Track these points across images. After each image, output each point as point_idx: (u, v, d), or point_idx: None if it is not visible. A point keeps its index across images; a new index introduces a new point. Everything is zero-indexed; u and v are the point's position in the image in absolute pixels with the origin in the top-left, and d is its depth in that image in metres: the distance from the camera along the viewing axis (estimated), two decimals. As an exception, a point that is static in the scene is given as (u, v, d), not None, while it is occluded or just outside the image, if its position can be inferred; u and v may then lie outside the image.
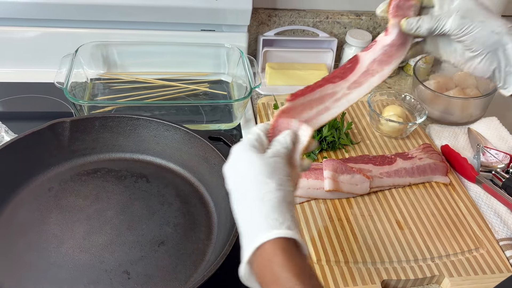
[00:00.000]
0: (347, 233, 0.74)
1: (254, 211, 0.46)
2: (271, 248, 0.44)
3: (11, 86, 0.98)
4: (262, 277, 0.44)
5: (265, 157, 0.50)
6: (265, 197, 0.46)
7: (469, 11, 0.56)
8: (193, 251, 0.69)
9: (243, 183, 0.49)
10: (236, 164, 0.51)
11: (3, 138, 0.80)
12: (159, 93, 0.98)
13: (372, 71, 0.60)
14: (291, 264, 0.43)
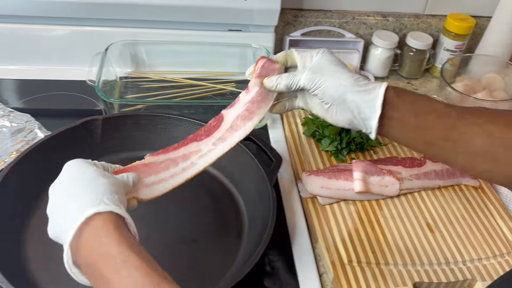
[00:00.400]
0: (377, 235, 0.74)
1: (79, 193, 0.48)
2: (102, 222, 0.46)
3: (42, 84, 0.99)
4: (89, 255, 0.45)
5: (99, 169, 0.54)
6: (90, 183, 0.50)
7: (320, 67, 0.60)
8: (225, 250, 0.69)
9: (67, 181, 0.52)
10: (65, 171, 0.54)
11: (37, 135, 0.81)
12: (186, 92, 0.98)
13: (236, 127, 0.64)
14: (122, 238, 0.45)
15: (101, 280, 0.44)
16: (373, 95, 0.57)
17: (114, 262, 0.43)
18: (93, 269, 0.44)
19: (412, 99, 0.58)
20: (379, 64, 1.11)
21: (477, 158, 0.55)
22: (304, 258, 0.71)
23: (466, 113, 0.56)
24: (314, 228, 0.74)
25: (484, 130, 0.54)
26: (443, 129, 0.56)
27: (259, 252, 0.61)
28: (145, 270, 0.43)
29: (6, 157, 0.76)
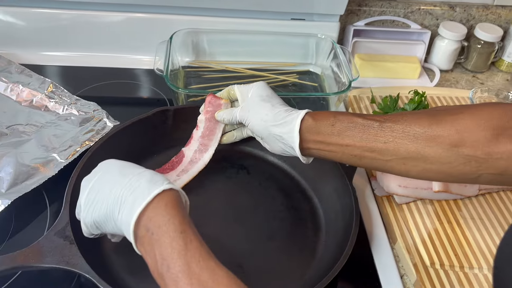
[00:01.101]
0: (458, 237, 0.71)
1: (136, 183, 0.50)
2: (169, 199, 0.48)
3: (102, 71, 0.99)
4: (154, 226, 0.47)
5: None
6: (141, 174, 0.51)
7: (249, 104, 0.67)
8: (303, 248, 0.67)
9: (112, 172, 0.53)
10: (101, 168, 0.55)
11: (106, 124, 0.80)
12: (248, 83, 0.96)
13: (196, 159, 0.74)
14: (185, 214, 0.49)
15: (157, 247, 0.46)
16: (291, 126, 0.61)
17: (175, 233, 0.46)
18: (153, 239, 0.46)
19: (331, 121, 0.60)
20: (445, 57, 1.07)
21: (408, 162, 0.56)
22: (384, 258, 0.68)
23: (387, 121, 0.57)
24: (392, 228, 0.71)
25: (407, 133, 0.56)
26: (366, 141, 0.58)
27: (346, 254, 0.59)
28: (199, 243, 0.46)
29: (77, 147, 0.75)
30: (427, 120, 0.56)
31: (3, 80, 0.87)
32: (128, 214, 0.48)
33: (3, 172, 0.70)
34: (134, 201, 0.48)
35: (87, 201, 0.53)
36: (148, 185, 0.49)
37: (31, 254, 0.54)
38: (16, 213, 0.68)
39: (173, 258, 0.44)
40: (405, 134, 0.56)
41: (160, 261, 0.45)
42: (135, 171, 0.52)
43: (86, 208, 0.53)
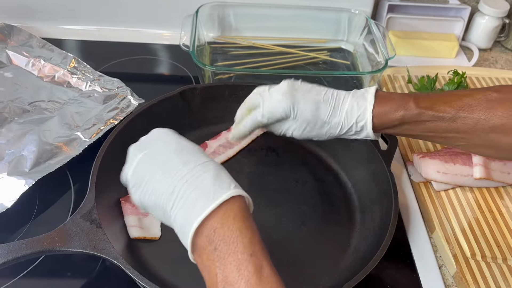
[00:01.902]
0: (501, 227, 0.67)
1: (198, 178, 0.42)
2: (235, 206, 0.42)
3: (126, 47, 0.95)
4: (219, 241, 0.40)
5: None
6: (205, 165, 0.44)
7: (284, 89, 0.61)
8: (337, 235, 0.64)
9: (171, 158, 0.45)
10: (153, 139, 0.49)
11: (131, 102, 0.77)
12: (276, 60, 0.92)
13: (219, 152, 0.73)
14: (251, 224, 0.42)
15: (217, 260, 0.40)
16: (362, 102, 0.59)
17: (243, 255, 0.39)
18: (216, 255, 0.40)
19: (399, 114, 0.58)
20: (484, 35, 1.01)
21: (480, 148, 0.57)
22: (422, 248, 0.65)
23: (461, 110, 0.55)
24: (430, 216, 0.68)
25: (481, 126, 0.54)
26: (436, 133, 0.57)
27: (384, 245, 0.56)
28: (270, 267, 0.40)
29: (101, 125, 0.73)
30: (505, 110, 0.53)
31: (24, 54, 0.84)
32: (186, 216, 0.42)
33: (26, 151, 0.68)
34: (195, 202, 0.41)
35: (133, 177, 0.46)
36: (213, 185, 0.42)
37: (57, 238, 0.52)
38: (40, 193, 0.66)
39: (239, 287, 0.38)
40: (480, 126, 0.54)
41: (222, 284, 0.39)
42: (197, 159, 0.44)
43: (132, 184, 0.47)
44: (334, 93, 0.60)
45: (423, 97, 0.57)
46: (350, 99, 0.59)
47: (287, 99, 0.58)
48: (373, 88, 0.58)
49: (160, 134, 0.49)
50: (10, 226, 0.62)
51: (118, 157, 0.64)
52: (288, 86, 0.60)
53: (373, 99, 0.57)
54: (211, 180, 0.42)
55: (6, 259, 0.49)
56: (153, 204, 0.45)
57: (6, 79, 0.81)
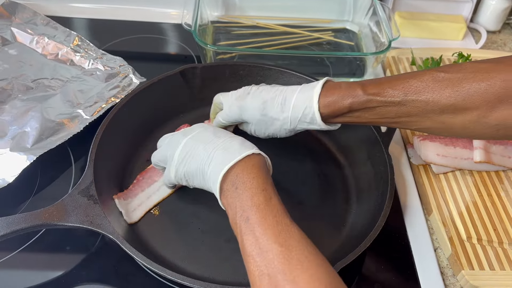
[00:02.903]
0: (499, 211, 0.67)
1: (228, 144, 0.53)
2: (257, 160, 0.52)
3: (130, 25, 0.96)
4: (239, 182, 0.49)
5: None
6: (233, 137, 0.55)
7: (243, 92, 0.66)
8: (333, 217, 0.65)
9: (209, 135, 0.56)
10: (195, 128, 0.59)
11: (132, 81, 0.78)
12: (280, 40, 0.91)
13: None
14: (268, 176, 0.52)
15: (242, 200, 0.48)
16: (309, 94, 0.61)
17: (257, 189, 0.48)
18: (237, 193, 0.49)
19: (346, 104, 0.58)
20: (493, 16, 0.99)
21: (431, 130, 0.57)
22: (418, 230, 0.65)
23: (410, 94, 0.55)
24: (428, 199, 0.68)
25: (431, 109, 0.54)
26: (386, 119, 0.58)
27: (378, 226, 0.56)
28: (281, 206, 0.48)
29: (103, 103, 0.73)
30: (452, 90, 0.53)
31: (28, 32, 0.85)
32: (217, 168, 0.51)
33: (29, 127, 0.69)
34: (224, 158, 0.51)
35: (181, 155, 0.56)
36: (239, 147, 0.52)
37: (55, 213, 0.53)
38: (41, 169, 0.68)
39: (252, 210, 0.46)
40: (430, 108, 0.54)
41: (240, 212, 0.47)
42: (228, 135, 0.55)
43: (179, 161, 0.56)
44: (283, 90, 0.62)
45: (370, 83, 0.57)
46: (298, 93, 0.60)
47: (238, 104, 0.64)
48: (323, 80, 0.59)
49: (200, 124, 0.60)
50: (11, 200, 0.64)
51: (117, 134, 0.66)
52: (242, 91, 0.65)
53: (319, 90, 0.58)
54: (238, 145, 0.53)
55: (5, 231, 0.51)
56: (194, 171, 0.54)
57: (10, 56, 0.82)
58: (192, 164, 0.55)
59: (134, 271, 0.58)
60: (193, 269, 0.57)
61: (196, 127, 0.59)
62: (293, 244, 0.43)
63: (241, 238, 0.46)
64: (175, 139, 0.58)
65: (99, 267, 0.58)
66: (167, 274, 0.50)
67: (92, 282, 0.57)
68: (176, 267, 0.57)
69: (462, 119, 0.53)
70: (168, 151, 0.58)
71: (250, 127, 0.67)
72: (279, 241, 0.43)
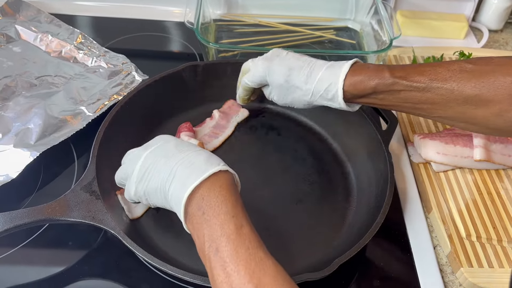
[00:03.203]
0: (498, 209, 0.67)
1: (193, 159, 0.48)
2: (222, 179, 0.47)
3: (133, 23, 0.96)
4: (206, 206, 0.45)
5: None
6: (198, 152, 0.50)
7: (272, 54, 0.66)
8: (333, 214, 0.65)
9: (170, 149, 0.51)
10: (157, 141, 0.53)
11: (135, 78, 0.78)
12: (282, 38, 0.92)
13: (205, 141, 0.72)
14: (236, 196, 0.47)
15: (205, 226, 0.44)
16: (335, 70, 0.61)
17: (226, 216, 0.44)
18: (203, 218, 0.45)
19: (373, 83, 0.58)
20: (495, 15, 0.99)
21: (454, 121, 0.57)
22: (417, 227, 0.66)
23: (434, 81, 0.55)
24: (428, 197, 0.68)
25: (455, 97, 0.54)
26: (410, 105, 0.58)
27: (378, 223, 0.57)
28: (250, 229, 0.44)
29: (105, 100, 0.74)
30: (478, 80, 0.52)
31: (32, 29, 0.86)
32: (180, 188, 0.46)
33: (32, 124, 0.70)
34: (188, 177, 0.46)
35: (141, 171, 0.51)
36: (204, 163, 0.48)
37: (57, 208, 0.54)
38: (44, 165, 0.68)
39: (222, 242, 0.42)
40: (454, 97, 0.54)
41: (208, 242, 0.43)
42: (191, 148, 0.51)
43: (139, 178, 0.51)
44: (311, 61, 0.62)
45: (398, 67, 0.57)
46: (326, 68, 0.60)
47: (265, 65, 0.63)
48: (352, 60, 0.59)
49: (161, 136, 0.54)
50: (15, 196, 0.64)
51: (119, 131, 0.66)
52: (271, 53, 0.65)
53: (347, 69, 0.58)
54: (203, 161, 0.48)
55: (9, 226, 0.51)
56: (154, 189, 0.50)
57: (14, 54, 0.83)
58: (152, 182, 0.50)
59: (135, 266, 0.58)
60: (193, 264, 0.57)
61: (158, 139, 0.54)
62: (268, 282, 0.40)
63: (210, 272, 0.43)
64: (135, 154, 0.53)
65: (101, 262, 0.59)
66: (167, 269, 0.51)
67: (94, 277, 0.58)
68: (177, 262, 0.57)
69: (484, 111, 0.53)
70: (129, 167, 0.53)
71: (271, 91, 0.66)
72: (253, 281, 0.40)
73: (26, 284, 0.56)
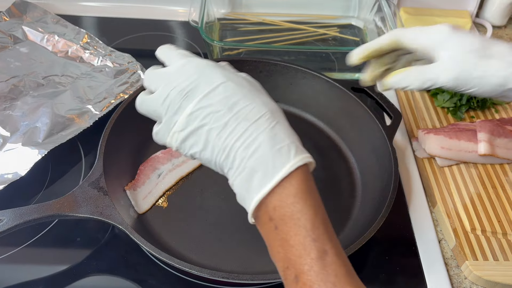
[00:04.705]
0: (503, 203, 0.67)
1: (255, 137, 0.38)
2: (298, 177, 0.38)
3: (138, 23, 0.97)
4: (279, 219, 0.37)
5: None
6: (258, 122, 0.39)
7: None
8: (337, 208, 0.66)
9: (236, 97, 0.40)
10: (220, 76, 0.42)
11: (140, 77, 0.79)
12: (286, 36, 0.92)
13: None
14: (313, 193, 0.39)
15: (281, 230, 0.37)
16: None
17: (305, 239, 0.36)
18: (278, 235, 0.37)
19: None
20: (499, 11, 0.99)
21: None
22: (422, 222, 0.66)
23: None
24: (432, 191, 0.68)
25: None
26: None
27: (382, 217, 0.57)
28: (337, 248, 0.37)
29: (112, 99, 0.75)
30: None
31: (39, 30, 0.87)
32: (244, 187, 0.39)
33: (40, 122, 0.71)
34: (252, 174, 0.38)
35: (189, 123, 0.40)
36: (271, 152, 0.38)
37: (66, 204, 0.55)
38: (52, 163, 0.69)
39: (302, 272, 0.35)
40: None
41: (285, 263, 0.37)
42: (273, 108, 0.41)
43: (186, 134, 0.41)
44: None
45: None
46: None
47: (473, 60, 0.49)
48: None
49: (229, 70, 0.44)
50: (24, 193, 0.65)
51: (125, 129, 0.67)
52: (478, 44, 0.50)
53: None
54: (268, 145, 0.38)
55: (18, 221, 0.52)
56: (207, 161, 0.42)
57: (22, 54, 0.84)
58: (206, 152, 0.41)
59: (142, 261, 0.59)
60: (200, 259, 0.58)
61: (223, 73, 0.42)
62: None
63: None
64: (178, 92, 0.41)
65: (109, 258, 0.60)
66: (174, 263, 0.51)
67: (102, 273, 0.58)
68: (183, 256, 0.58)
69: None
70: (167, 102, 0.41)
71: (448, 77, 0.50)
72: None
73: (35, 280, 0.57)
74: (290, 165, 0.38)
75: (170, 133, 0.42)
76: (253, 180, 0.38)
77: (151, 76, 0.45)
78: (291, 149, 0.39)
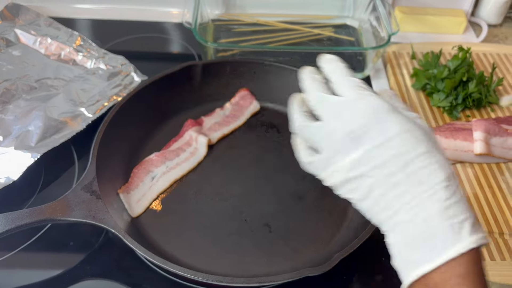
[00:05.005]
0: (500, 203, 0.67)
1: (423, 208, 0.35)
2: (468, 259, 0.34)
3: (132, 25, 0.97)
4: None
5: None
6: (435, 189, 0.36)
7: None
8: (333, 209, 0.65)
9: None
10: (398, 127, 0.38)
11: (134, 79, 0.79)
12: (280, 37, 0.92)
13: (214, 129, 0.74)
14: (482, 281, 0.35)
15: None
16: None
17: None
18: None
19: None
20: (494, 9, 0.99)
21: None
22: (418, 223, 0.65)
23: None
24: (428, 191, 0.68)
25: None
26: None
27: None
28: None
29: (105, 102, 0.74)
30: None
31: (31, 33, 0.86)
32: (403, 253, 0.37)
33: (33, 126, 0.70)
34: (417, 244, 0.36)
35: (358, 166, 0.38)
36: (440, 224, 0.35)
37: (58, 208, 0.54)
38: (45, 167, 0.69)
39: None
40: None
41: None
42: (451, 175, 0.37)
43: (352, 176, 0.39)
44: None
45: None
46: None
47: None
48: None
49: (410, 115, 0.41)
50: (17, 198, 0.65)
51: (119, 132, 0.67)
52: None
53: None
54: (439, 217, 0.35)
55: (10, 226, 0.52)
56: (364, 208, 0.41)
57: (14, 57, 0.83)
58: (364, 203, 0.40)
59: (136, 265, 0.58)
60: (194, 262, 0.57)
61: (399, 120, 0.38)
62: None
63: None
64: (354, 126, 0.38)
65: (103, 262, 0.59)
66: (168, 266, 0.51)
67: (96, 277, 0.58)
68: (177, 260, 0.57)
69: None
70: (331, 139, 0.40)
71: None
72: None
73: (28, 286, 0.56)
74: (462, 246, 0.34)
75: (328, 170, 0.41)
76: (417, 251, 0.36)
77: (319, 99, 0.43)
78: (464, 226, 0.35)
